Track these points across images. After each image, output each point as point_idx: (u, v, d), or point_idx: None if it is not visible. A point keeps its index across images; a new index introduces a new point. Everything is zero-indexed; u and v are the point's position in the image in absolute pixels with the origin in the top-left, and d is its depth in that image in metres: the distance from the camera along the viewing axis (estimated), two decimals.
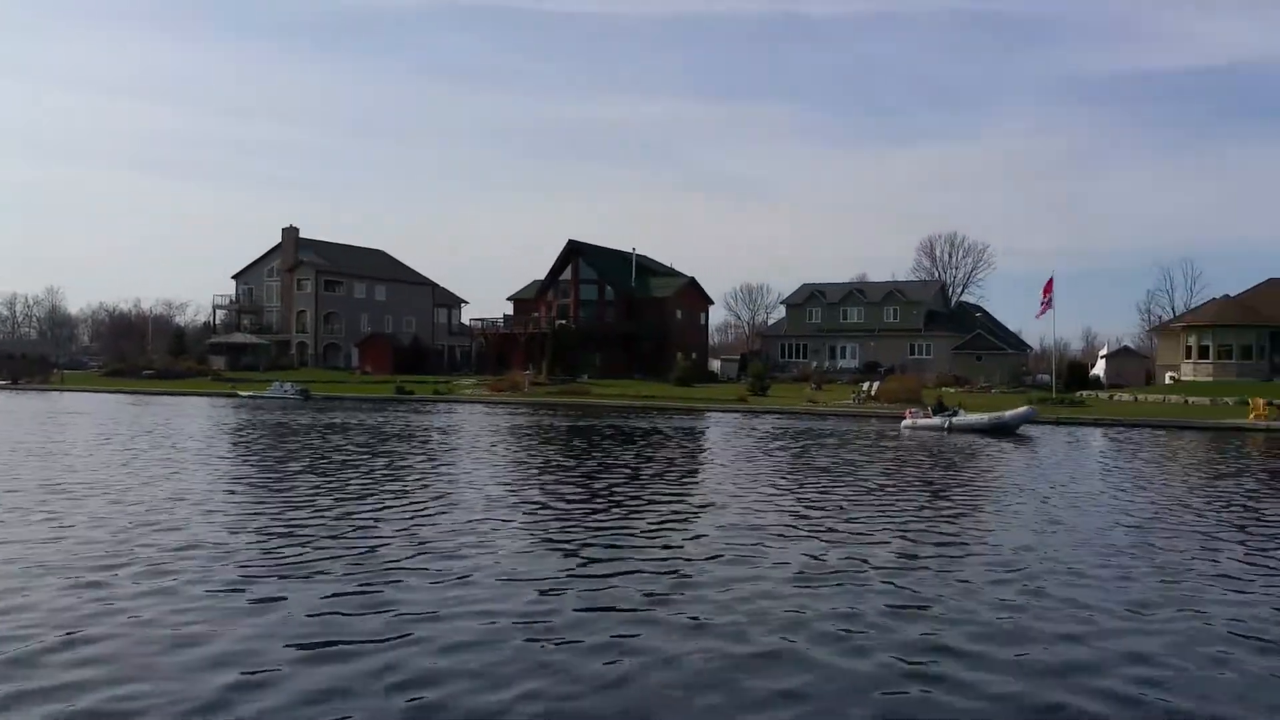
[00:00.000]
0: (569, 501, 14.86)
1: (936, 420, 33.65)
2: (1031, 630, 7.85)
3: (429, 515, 13.13)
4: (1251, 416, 38.58)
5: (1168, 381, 61.74)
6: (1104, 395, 55.07)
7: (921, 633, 7.71)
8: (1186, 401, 48.19)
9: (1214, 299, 67.32)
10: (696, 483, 17.82)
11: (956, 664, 6.96)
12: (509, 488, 16.42)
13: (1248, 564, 10.69)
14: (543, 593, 8.86)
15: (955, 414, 33.84)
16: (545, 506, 14.29)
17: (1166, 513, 14.58)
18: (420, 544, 11.07)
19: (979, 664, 6.96)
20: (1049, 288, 49.97)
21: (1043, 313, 50.16)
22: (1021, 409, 34.86)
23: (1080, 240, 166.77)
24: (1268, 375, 57.55)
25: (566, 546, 11.18)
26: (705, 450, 25.45)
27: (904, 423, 34.63)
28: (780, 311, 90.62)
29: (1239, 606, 8.70)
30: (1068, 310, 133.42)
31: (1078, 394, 53.59)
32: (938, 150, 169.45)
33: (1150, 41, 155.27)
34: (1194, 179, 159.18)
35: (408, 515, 13.14)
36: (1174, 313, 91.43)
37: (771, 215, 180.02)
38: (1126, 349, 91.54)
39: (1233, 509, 15.14)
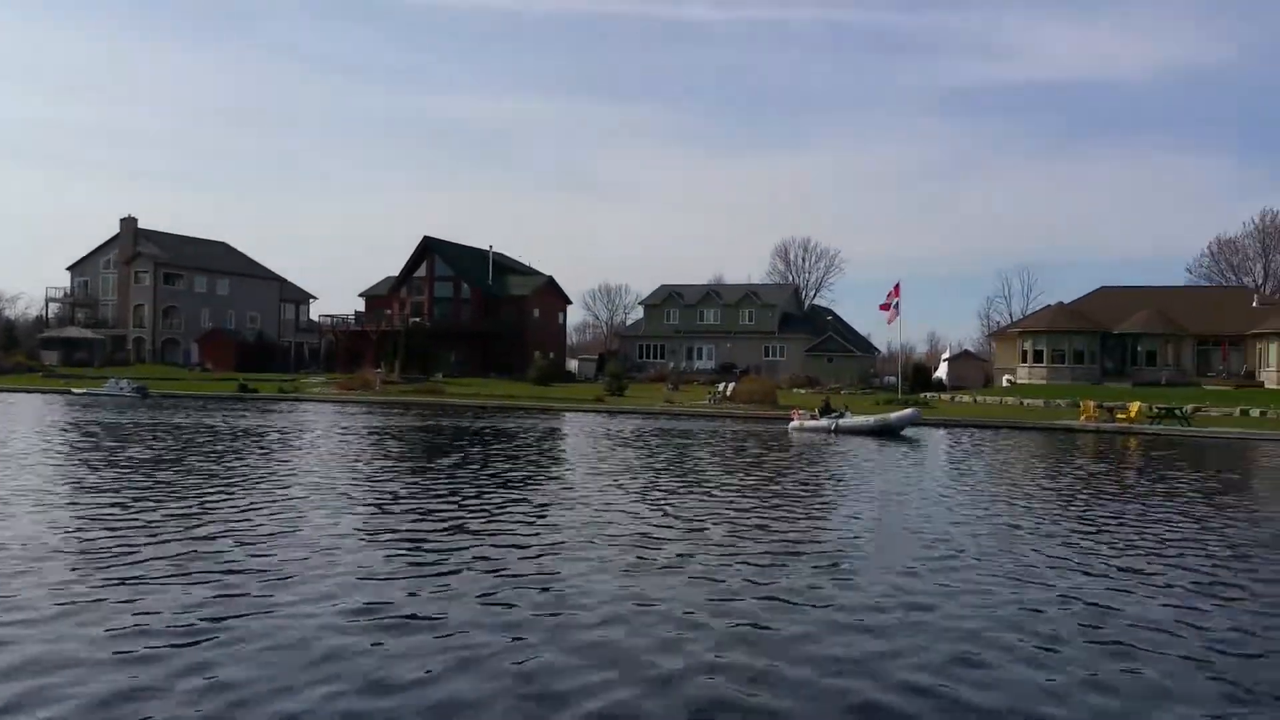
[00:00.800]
0: (409, 501, 14.20)
1: (824, 422, 34.04)
2: (844, 621, 7.86)
3: (260, 516, 12.30)
4: (1082, 418, 40.61)
5: (1005, 384, 64.66)
6: (946, 397, 57.20)
7: (733, 624, 7.58)
8: (1022, 403, 50.47)
9: (1049, 306, 70.77)
10: (544, 483, 17.33)
11: (767, 658, 6.89)
12: (347, 488, 15.59)
13: (1066, 556, 10.95)
14: (372, 594, 8.45)
15: (842, 415, 34.42)
16: (384, 508, 13.61)
17: (998, 509, 14.93)
18: (249, 545, 10.43)
19: (790, 657, 6.90)
20: (896, 292, 51.60)
21: (893, 319, 51.67)
22: (906, 411, 35.58)
23: (927, 247, 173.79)
24: (1098, 378, 60.90)
25: (400, 547, 10.67)
26: (558, 450, 25.02)
27: (791, 424, 34.98)
28: (639, 312, 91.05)
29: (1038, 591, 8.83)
30: (914, 315, 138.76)
31: (922, 395, 55.51)
32: (795, 156, 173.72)
33: (1004, 57, 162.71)
34: (1033, 191, 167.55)
35: (238, 516, 12.35)
36: (1011, 318, 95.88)
37: (632, 216, 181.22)
38: (967, 352, 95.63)
39: (1065, 504, 15.66)
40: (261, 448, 23.24)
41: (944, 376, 77.80)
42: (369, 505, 14.11)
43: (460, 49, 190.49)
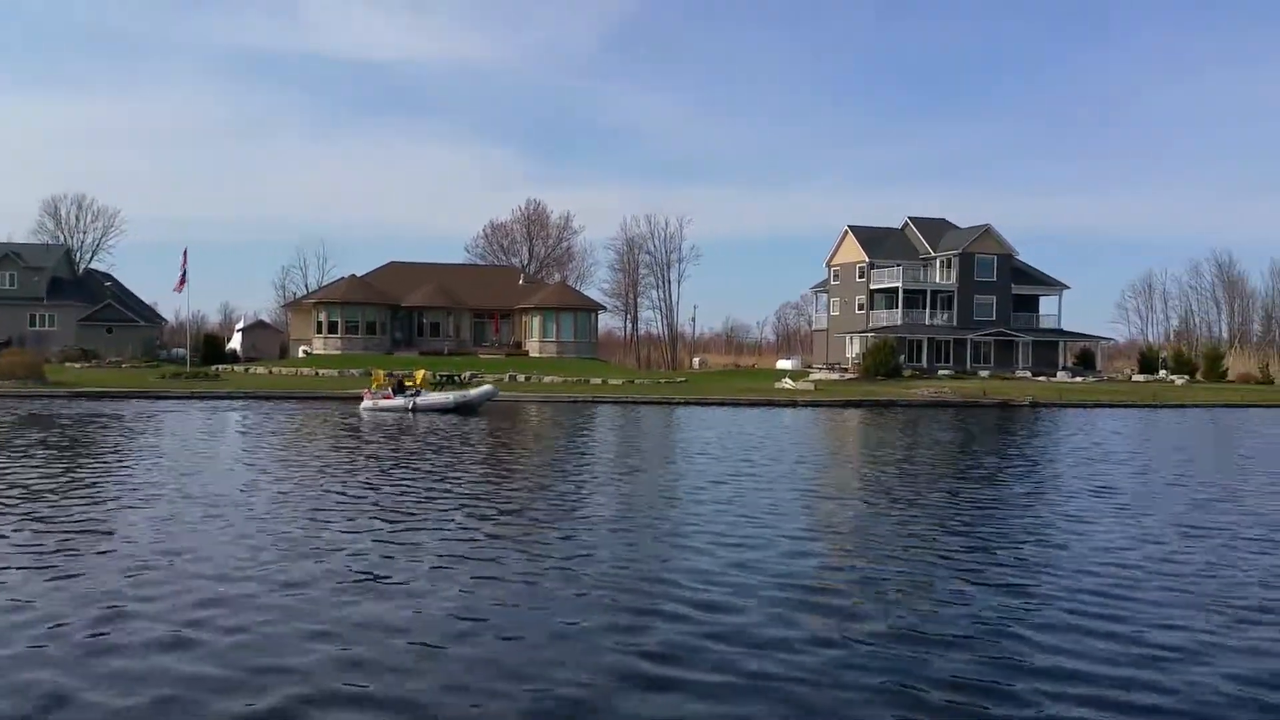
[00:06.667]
0: None
1: (399, 401, 32.81)
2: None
3: None
4: (374, 387, 42.09)
5: (301, 355, 64.77)
6: (240, 369, 55.49)
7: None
8: (317, 373, 50.95)
9: (343, 278, 72.21)
10: None
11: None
12: None
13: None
14: None
15: (419, 394, 33.73)
16: None
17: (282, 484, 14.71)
18: None
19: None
20: (184, 260, 48.84)
21: (180, 286, 48.83)
22: (485, 388, 36.08)
23: (218, 212, 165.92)
24: (389, 348, 63.91)
25: None
26: None
27: (364, 404, 33.52)
28: None
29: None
30: (207, 283, 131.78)
31: (213, 368, 53.20)
32: (72, 100, 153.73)
33: (315, 27, 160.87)
34: (335, 163, 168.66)
35: None
36: (307, 289, 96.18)
37: None
38: (262, 323, 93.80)
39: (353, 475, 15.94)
40: None
41: (238, 348, 75.47)
42: None
43: None
